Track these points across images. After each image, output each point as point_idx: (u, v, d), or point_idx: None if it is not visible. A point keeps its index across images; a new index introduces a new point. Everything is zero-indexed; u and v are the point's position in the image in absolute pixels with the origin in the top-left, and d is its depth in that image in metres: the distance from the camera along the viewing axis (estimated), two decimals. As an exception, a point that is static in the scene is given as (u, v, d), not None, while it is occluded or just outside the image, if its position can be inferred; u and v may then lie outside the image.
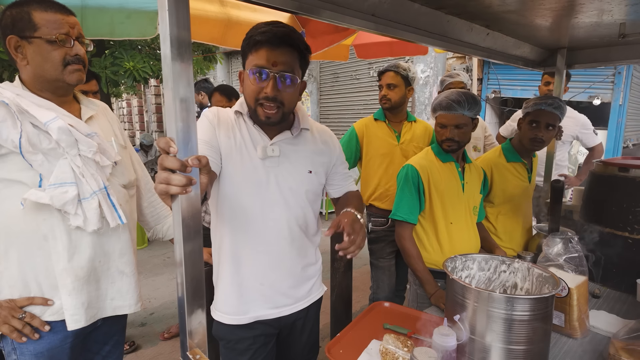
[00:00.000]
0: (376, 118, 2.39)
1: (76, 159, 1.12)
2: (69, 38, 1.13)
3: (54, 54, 1.12)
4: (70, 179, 1.11)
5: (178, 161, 0.71)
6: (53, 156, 1.11)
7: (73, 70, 1.15)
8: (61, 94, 1.19)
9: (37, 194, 1.07)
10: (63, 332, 1.17)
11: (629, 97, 4.81)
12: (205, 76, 5.29)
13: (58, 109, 1.15)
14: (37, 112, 1.08)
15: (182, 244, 0.77)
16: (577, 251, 1.36)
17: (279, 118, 1.13)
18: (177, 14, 0.70)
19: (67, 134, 1.10)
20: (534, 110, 1.85)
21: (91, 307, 1.20)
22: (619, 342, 1.13)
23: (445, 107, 1.64)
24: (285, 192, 1.21)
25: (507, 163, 1.96)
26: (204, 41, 2.34)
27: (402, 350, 1.11)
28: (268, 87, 1.08)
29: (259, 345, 1.27)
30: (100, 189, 1.16)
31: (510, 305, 0.96)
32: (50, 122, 1.08)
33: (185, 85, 0.72)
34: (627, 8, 1.35)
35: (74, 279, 1.15)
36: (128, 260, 1.28)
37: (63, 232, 1.13)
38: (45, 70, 1.13)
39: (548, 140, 1.89)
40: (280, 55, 1.08)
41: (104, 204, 1.17)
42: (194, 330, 0.82)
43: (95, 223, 1.15)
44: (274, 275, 1.24)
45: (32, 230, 1.12)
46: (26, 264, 1.13)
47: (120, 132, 1.38)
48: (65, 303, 1.15)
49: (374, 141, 2.34)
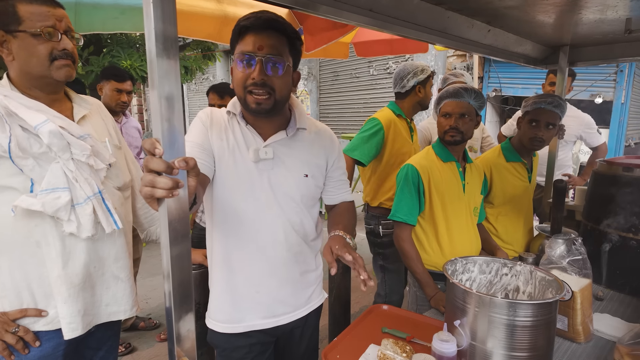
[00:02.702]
0: (398, 113, 2.29)
1: (69, 163, 1.08)
2: (55, 31, 1.07)
3: (39, 49, 1.06)
4: (62, 184, 1.07)
5: (164, 163, 0.67)
6: (45, 160, 1.06)
7: (60, 65, 1.09)
8: (50, 91, 1.14)
9: (28, 201, 1.03)
10: (56, 339, 1.13)
11: (631, 95, 4.77)
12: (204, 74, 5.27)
13: (48, 110, 1.10)
14: (26, 115, 1.03)
15: (169, 248, 0.73)
16: (581, 253, 1.33)
17: (270, 105, 1.07)
18: (162, 7, 0.66)
19: (58, 137, 1.05)
20: (534, 110, 1.82)
21: (87, 314, 1.17)
22: (624, 348, 1.10)
23: (452, 94, 1.62)
24: (280, 196, 1.16)
25: (507, 163, 1.93)
26: (200, 38, 2.30)
27: (401, 356, 1.07)
28: (255, 71, 1.03)
29: (255, 353, 1.23)
30: (94, 193, 1.12)
31: (513, 310, 0.93)
32: (41, 125, 1.03)
33: (171, 83, 0.69)
34: (632, 3, 1.31)
35: (69, 286, 1.11)
36: (123, 265, 1.25)
37: (56, 238, 1.09)
38: (31, 66, 1.07)
39: (548, 139, 1.86)
40: (266, 38, 1.04)
41: (98, 209, 1.13)
42: (182, 337, 0.78)
43: (90, 229, 1.11)
44: (270, 282, 1.19)
45: (23, 237, 1.07)
46: (18, 273, 1.08)
47: (115, 131, 1.33)
48: (62, 311, 1.11)
49: (398, 139, 2.24)
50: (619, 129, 4.86)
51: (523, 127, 1.89)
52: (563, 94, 2.26)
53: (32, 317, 1.10)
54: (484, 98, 1.63)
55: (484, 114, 5.68)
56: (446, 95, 1.65)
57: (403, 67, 2.30)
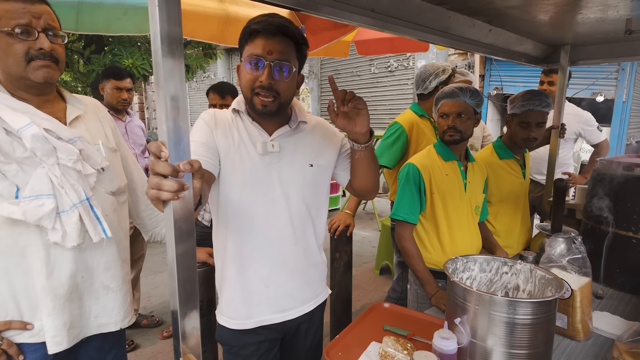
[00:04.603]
0: (421, 114, 2.31)
1: (54, 169, 1.01)
2: (32, 29, 0.99)
3: (15, 48, 0.99)
4: (47, 190, 1.00)
5: (169, 166, 0.68)
6: (29, 165, 1.00)
7: (38, 66, 1.01)
8: (36, 92, 1.07)
9: (9, 209, 0.97)
10: (41, 351, 1.07)
11: (632, 93, 4.76)
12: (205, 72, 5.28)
13: (35, 111, 1.03)
14: (10, 118, 0.97)
15: (174, 246, 0.74)
16: (581, 252, 1.34)
17: (275, 107, 1.11)
18: (167, 9, 0.67)
19: (42, 141, 0.99)
20: (522, 112, 1.85)
21: (73, 327, 1.10)
22: (623, 345, 1.11)
23: (448, 94, 1.64)
24: (287, 189, 1.18)
25: (500, 161, 1.95)
26: (203, 39, 2.31)
27: (402, 354, 1.09)
28: (263, 75, 1.07)
29: (264, 351, 1.25)
30: (81, 200, 1.05)
31: (513, 308, 0.94)
32: (24, 128, 0.97)
33: (176, 83, 0.70)
34: (633, 3, 1.32)
35: (53, 298, 1.05)
36: (114, 275, 1.18)
37: (41, 247, 1.03)
38: (8, 66, 1.01)
39: (540, 135, 1.90)
40: (276, 44, 1.07)
41: (85, 217, 1.06)
42: (187, 334, 0.79)
43: (75, 239, 1.04)
44: (278, 276, 1.22)
45: (7, 247, 1.01)
46: (3, 283, 1.03)
47: (112, 133, 1.27)
48: (46, 324, 1.05)
49: (422, 139, 2.25)
50: (620, 127, 4.85)
51: (513, 128, 1.91)
52: (564, 93, 2.26)
53: (15, 330, 1.04)
54: (481, 96, 1.65)
55: (485, 112, 5.68)
56: (442, 95, 1.67)
57: (424, 68, 2.32)
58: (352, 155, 1.22)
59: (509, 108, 1.92)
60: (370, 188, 1.28)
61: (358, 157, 1.20)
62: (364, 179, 1.25)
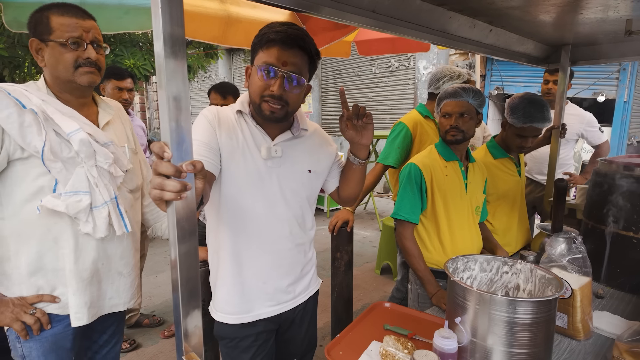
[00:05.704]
0: (425, 115, 2.31)
1: (92, 170, 1.18)
2: (82, 42, 1.18)
3: (66, 57, 1.16)
4: (85, 188, 1.17)
5: (172, 167, 0.69)
6: (71, 164, 1.16)
7: (84, 72, 1.19)
8: (78, 95, 1.24)
9: (54, 202, 1.13)
10: (66, 321, 1.24)
11: (633, 93, 4.76)
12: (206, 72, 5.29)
13: (80, 117, 1.20)
14: (61, 121, 1.14)
15: (177, 245, 0.75)
16: (581, 252, 1.34)
17: (282, 115, 1.14)
18: (170, 10, 0.68)
19: (87, 145, 1.16)
20: (522, 127, 1.85)
21: (92, 307, 1.27)
22: (623, 345, 1.12)
23: (451, 94, 1.64)
24: (286, 192, 1.22)
25: (495, 160, 1.97)
26: (205, 40, 2.31)
27: (403, 353, 1.09)
28: (275, 85, 1.09)
29: (261, 341, 1.29)
30: (111, 198, 1.23)
31: (513, 308, 0.94)
32: (73, 133, 1.14)
33: (179, 84, 0.71)
34: (633, 4, 1.32)
35: (78, 280, 1.22)
36: (127, 262, 1.35)
37: (71, 236, 1.19)
38: (58, 71, 1.18)
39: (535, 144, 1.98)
40: (291, 56, 1.09)
41: (112, 213, 1.23)
42: (190, 333, 0.80)
43: (104, 231, 1.21)
44: (275, 273, 1.26)
45: (42, 234, 1.17)
46: (35, 265, 1.18)
47: (132, 135, 1.44)
48: (70, 302, 1.22)
49: (425, 139, 2.26)
50: (621, 127, 4.85)
51: (509, 134, 1.92)
52: (564, 93, 2.27)
53: (46, 302, 1.21)
54: (483, 96, 1.65)
55: (486, 113, 5.68)
56: (445, 95, 1.67)
57: (441, 69, 2.33)
58: (348, 166, 1.31)
59: (507, 113, 1.92)
60: (354, 197, 1.41)
61: (355, 169, 1.29)
62: (353, 189, 1.36)
